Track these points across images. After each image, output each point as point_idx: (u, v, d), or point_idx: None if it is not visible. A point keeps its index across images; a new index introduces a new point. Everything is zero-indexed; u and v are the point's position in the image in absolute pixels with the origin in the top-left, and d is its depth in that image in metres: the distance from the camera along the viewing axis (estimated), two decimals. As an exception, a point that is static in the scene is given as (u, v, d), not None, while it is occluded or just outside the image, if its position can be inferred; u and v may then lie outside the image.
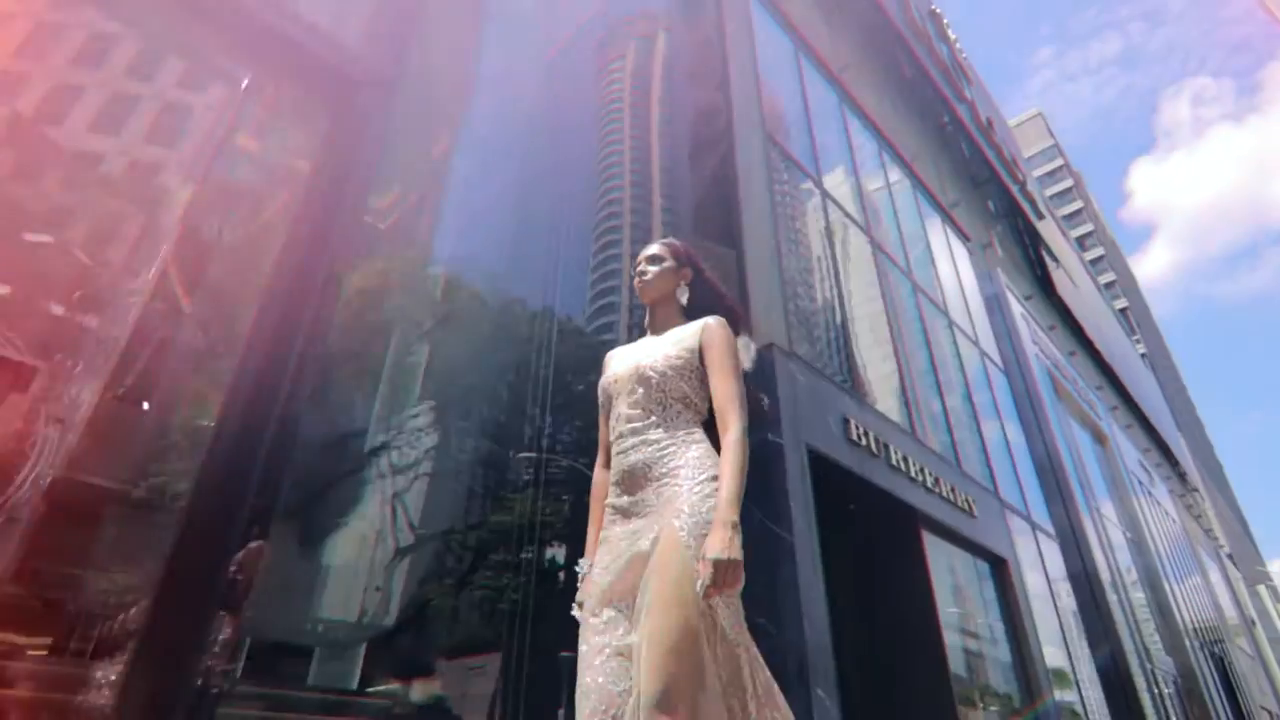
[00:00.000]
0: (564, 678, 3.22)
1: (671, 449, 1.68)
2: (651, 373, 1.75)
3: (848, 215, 7.93)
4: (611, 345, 2.12)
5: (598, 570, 1.66)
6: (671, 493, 1.61)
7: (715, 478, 1.60)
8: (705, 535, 1.48)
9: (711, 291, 2.01)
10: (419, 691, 4.40)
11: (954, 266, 11.34)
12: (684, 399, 1.74)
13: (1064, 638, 8.47)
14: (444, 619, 4.82)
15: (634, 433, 1.73)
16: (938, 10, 21.24)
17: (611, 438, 1.80)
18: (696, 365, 1.77)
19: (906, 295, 8.69)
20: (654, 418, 1.73)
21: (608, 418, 1.87)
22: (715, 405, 1.72)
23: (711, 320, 1.83)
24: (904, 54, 17.17)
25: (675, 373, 1.75)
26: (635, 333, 4.45)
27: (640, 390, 1.76)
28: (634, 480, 1.68)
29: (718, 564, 1.39)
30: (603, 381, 1.89)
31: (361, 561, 4.77)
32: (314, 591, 4.50)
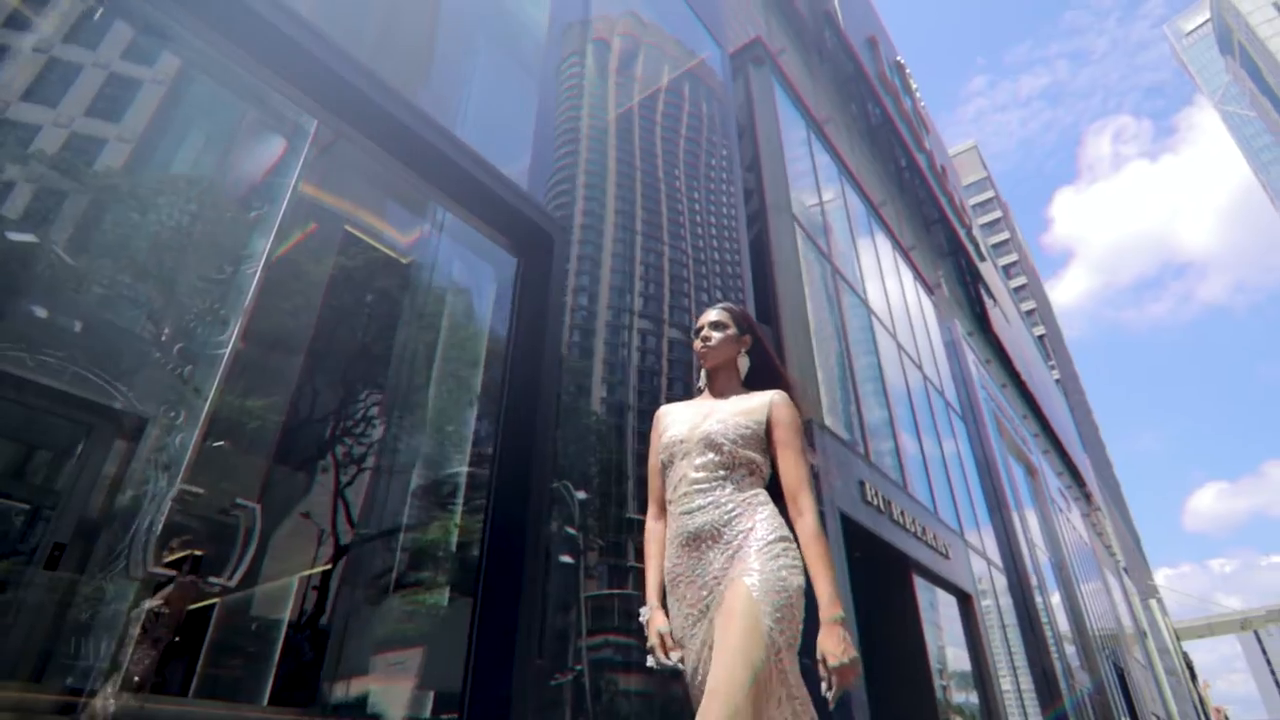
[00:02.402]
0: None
1: (739, 513, 1.73)
2: (723, 440, 1.81)
3: (848, 282, 8.87)
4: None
5: (677, 629, 1.72)
6: (741, 555, 1.66)
7: (784, 538, 1.68)
8: (776, 596, 1.55)
9: (766, 361, 2.08)
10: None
11: (924, 320, 12.51)
12: (751, 464, 1.81)
13: (1010, 660, 9.68)
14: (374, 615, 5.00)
15: (701, 493, 1.78)
16: (902, 61, 22.74)
17: (673, 495, 1.85)
18: (763, 436, 1.85)
19: (891, 353, 9.71)
20: (722, 481, 1.78)
21: (661, 474, 1.93)
22: (786, 486, 1.79)
23: (779, 397, 1.91)
24: (874, 104, 18.44)
25: (744, 441, 1.82)
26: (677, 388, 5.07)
27: (710, 455, 1.81)
28: (700, 541, 1.73)
29: (841, 670, 1.48)
30: (663, 439, 1.93)
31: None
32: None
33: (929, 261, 19.58)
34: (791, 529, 1.74)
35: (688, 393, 4.14)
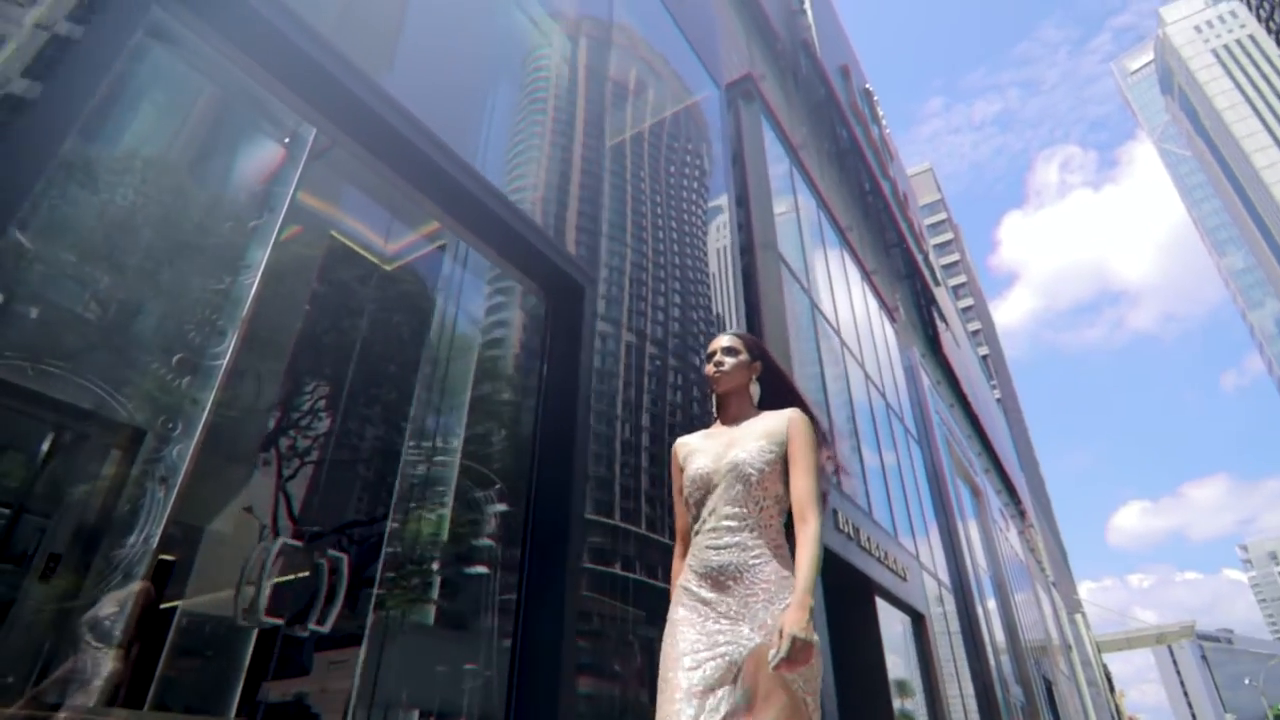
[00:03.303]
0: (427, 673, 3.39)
1: (761, 563, 1.77)
2: (750, 469, 1.83)
3: (824, 315, 9.30)
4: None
5: (686, 659, 1.71)
6: (759, 607, 1.71)
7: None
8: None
9: (781, 385, 2.16)
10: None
11: (886, 347, 13.08)
12: (777, 499, 1.85)
13: (956, 675, 10.25)
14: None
15: (730, 531, 1.81)
16: (870, 89, 23.50)
17: (701, 527, 1.87)
18: (784, 457, 1.88)
19: (860, 381, 10.19)
20: (750, 520, 1.82)
21: (687, 507, 1.95)
22: (794, 498, 1.82)
23: (797, 414, 1.94)
24: (844, 129, 19.05)
25: (770, 469, 1.85)
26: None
27: (739, 487, 1.83)
28: (721, 578, 1.77)
29: (795, 640, 1.54)
30: (689, 473, 1.93)
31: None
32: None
33: (888, 284, 20.29)
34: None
35: (637, 396, 4.20)
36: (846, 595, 7.53)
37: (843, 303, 10.84)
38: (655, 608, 3.59)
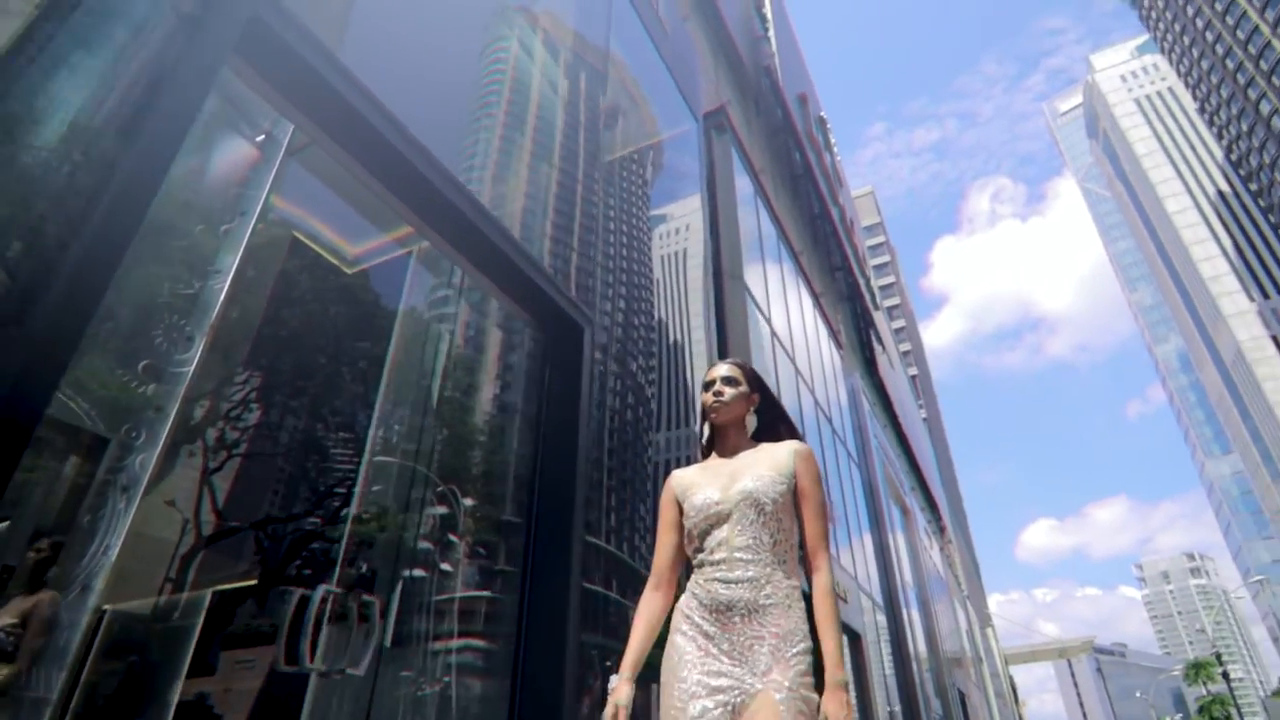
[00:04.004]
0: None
1: (771, 605, 1.71)
2: (765, 499, 1.78)
3: (782, 343, 9.67)
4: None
5: (693, 706, 1.64)
6: (764, 653, 1.67)
7: (809, 650, 1.70)
8: (799, 705, 1.60)
9: (778, 417, 2.09)
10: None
11: (833, 373, 13.59)
12: (788, 531, 1.80)
13: (886, 692, 10.76)
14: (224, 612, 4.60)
15: (743, 564, 1.75)
16: (824, 116, 24.30)
17: (708, 558, 1.81)
18: (793, 489, 1.84)
19: (810, 407, 10.60)
20: (765, 554, 1.76)
21: (679, 540, 1.91)
22: (806, 537, 1.81)
23: (802, 447, 1.92)
24: (799, 155, 19.66)
25: (782, 499, 1.80)
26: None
27: (753, 516, 1.78)
28: (729, 614, 1.72)
29: None
30: (695, 502, 1.87)
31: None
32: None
33: (832, 307, 21.02)
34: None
35: (571, 393, 4.14)
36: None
37: (797, 329, 11.25)
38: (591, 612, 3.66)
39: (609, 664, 3.85)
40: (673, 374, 6.60)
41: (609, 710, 1.68)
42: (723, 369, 2.06)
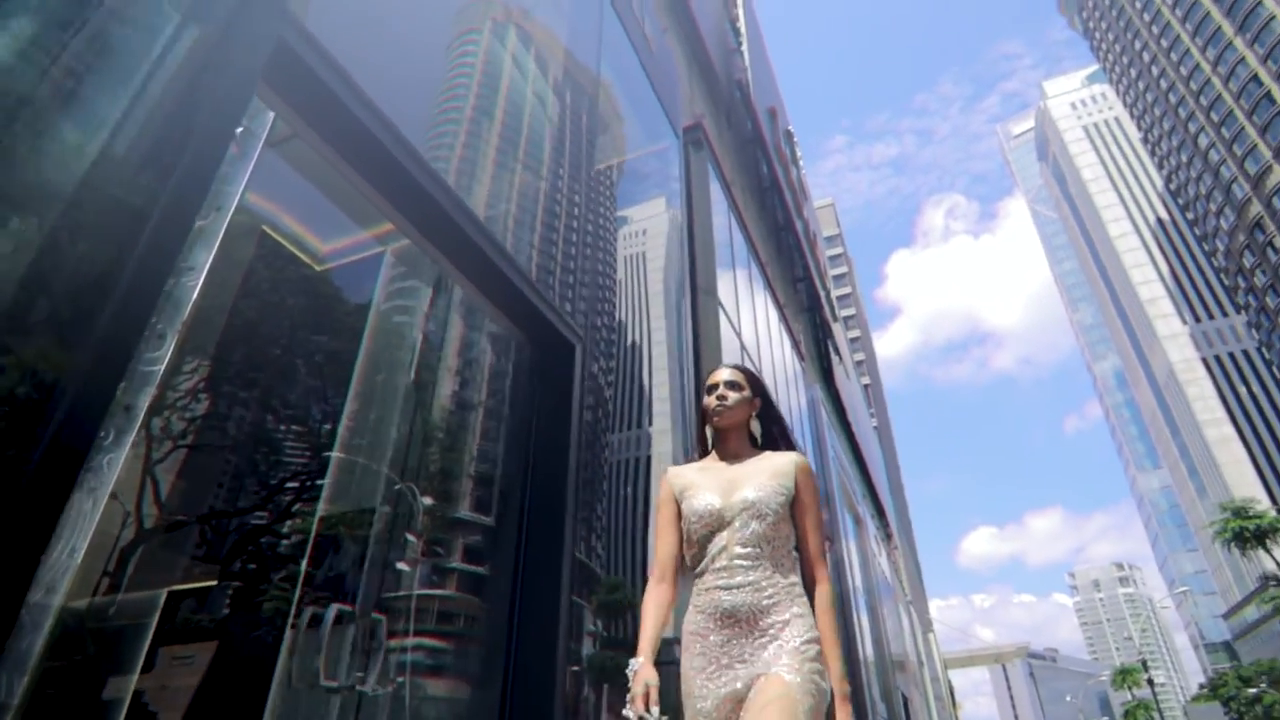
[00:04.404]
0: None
1: (777, 602, 1.76)
2: (767, 510, 1.82)
3: (751, 358, 9.91)
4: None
5: (705, 709, 1.70)
6: (770, 653, 1.71)
7: (815, 639, 1.74)
8: (811, 699, 1.63)
9: (778, 423, 2.11)
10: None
11: (796, 384, 13.93)
12: (787, 538, 1.85)
13: (835, 697, 11.08)
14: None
15: (744, 570, 1.78)
16: (792, 130, 24.81)
17: (708, 566, 1.83)
18: (792, 501, 1.87)
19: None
20: (765, 561, 1.79)
21: (679, 536, 1.92)
22: (804, 551, 1.85)
23: (802, 461, 1.96)
24: (767, 168, 20.07)
25: (783, 509, 1.84)
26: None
27: (754, 525, 1.81)
28: (734, 621, 1.75)
29: None
30: (695, 507, 1.88)
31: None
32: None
33: (793, 317, 21.48)
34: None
35: (527, 389, 4.16)
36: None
37: (764, 342, 11.53)
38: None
39: (576, 668, 3.98)
40: (629, 376, 6.61)
41: (638, 689, 1.68)
42: (726, 373, 2.06)
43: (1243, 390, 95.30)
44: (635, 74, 7.61)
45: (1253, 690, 48.53)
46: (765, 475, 1.87)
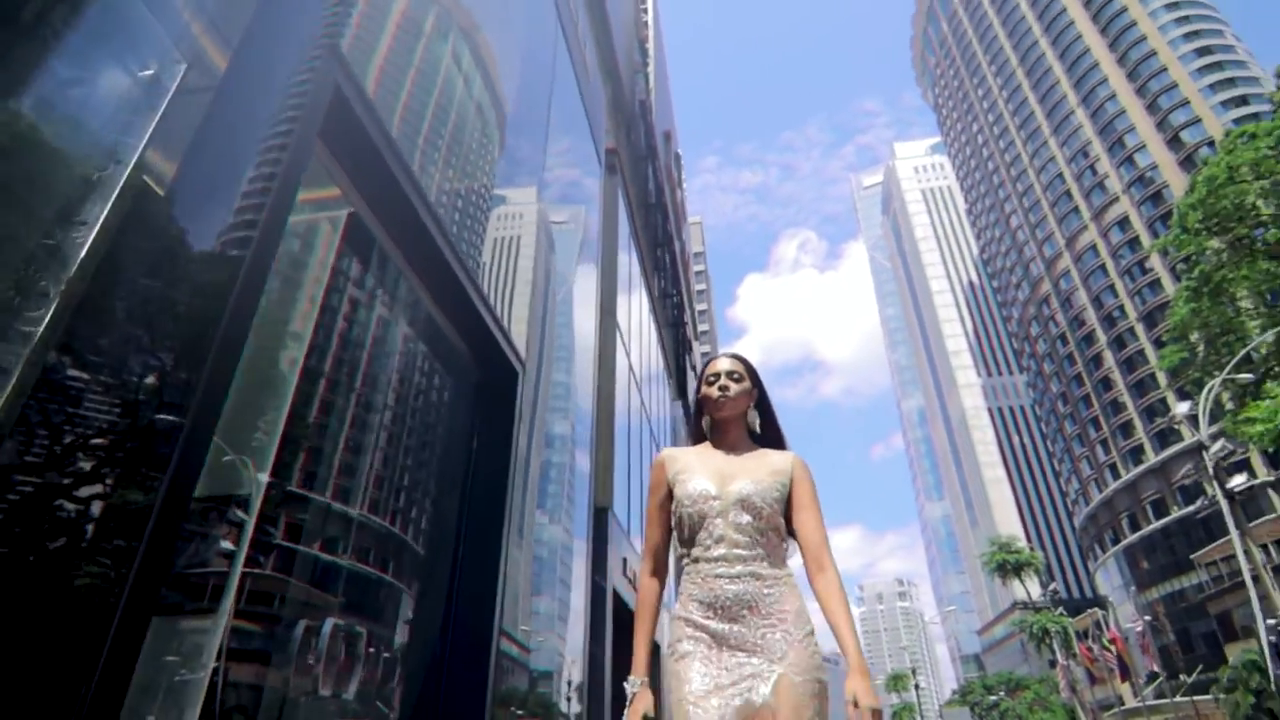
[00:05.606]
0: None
1: (776, 592, 1.78)
2: (762, 504, 1.83)
3: (636, 377, 10.39)
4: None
5: (713, 699, 1.67)
6: (777, 639, 1.72)
7: (813, 630, 1.78)
8: (816, 700, 1.67)
9: (770, 417, 2.10)
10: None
11: (664, 400, 14.62)
12: (779, 530, 1.85)
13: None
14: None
15: (741, 560, 1.79)
16: (680, 153, 25.80)
17: (704, 554, 1.82)
18: (788, 497, 1.89)
19: (646, 436, 11.43)
20: (760, 550, 1.80)
21: (670, 525, 1.92)
22: (809, 544, 1.85)
23: (799, 460, 1.96)
24: (655, 187, 20.74)
25: (777, 504, 1.85)
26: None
27: (748, 518, 1.82)
28: (733, 610, 1.75)
29: (876, 712, 1.60)
30: (688, 490, 1.88)
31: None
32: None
33: (664, 333, 22.36)
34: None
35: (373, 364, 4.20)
36: (624, 634, 8.59)
37: (647, 359, 12.10)
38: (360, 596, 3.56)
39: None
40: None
41: (634, 718, 1.71)
42: (726, 363, 2.04)
43: (1016, 441, 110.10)
44: (574, 101, 7.87)
45: (993, 697, 56.41)
46: (763, 471, 1.89)
